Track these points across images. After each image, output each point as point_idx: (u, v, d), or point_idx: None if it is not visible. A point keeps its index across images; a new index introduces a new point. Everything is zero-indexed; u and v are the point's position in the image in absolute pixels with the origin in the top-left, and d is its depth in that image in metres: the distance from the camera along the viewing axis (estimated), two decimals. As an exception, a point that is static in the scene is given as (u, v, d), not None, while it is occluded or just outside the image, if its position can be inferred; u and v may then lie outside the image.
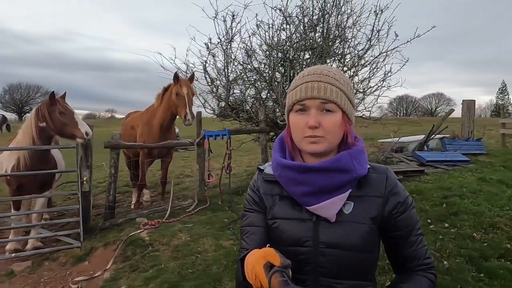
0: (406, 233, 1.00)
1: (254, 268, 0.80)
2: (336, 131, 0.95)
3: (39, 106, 3.90)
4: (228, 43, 6.01)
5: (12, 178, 3.96)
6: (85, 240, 4.02)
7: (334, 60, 6.15)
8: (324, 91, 0.93)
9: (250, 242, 1.02)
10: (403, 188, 1.03)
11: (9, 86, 49.36)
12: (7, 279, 3.46)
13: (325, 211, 0.94)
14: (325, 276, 0.95)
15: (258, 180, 1.09)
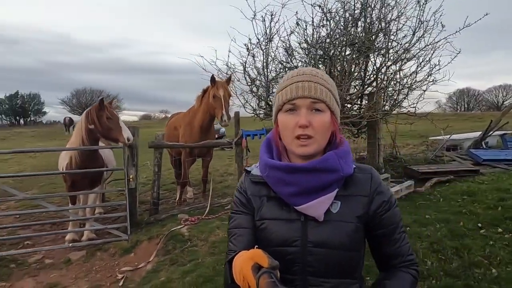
0: (390, 231, 1.02)
1: (242, 270, 0.81)
2: (325, 130, 0.97)
3: (89, 109, 4.27)
4: (267, 42, 6.04)
5: (66, 175, 4.40)
6: (132, 233, 4.32)
7: (377, 55, 5.89)
8: (314, 91, 0.95)
9: (237, 244, 1.02)
10: (387, 187, 1.05)
11: (76, 91, 54.13)
12: (64, 266, 3.84)
13: (313, 211, 0.95)
14: (313, 275, 0.96)
15: (245, 182, 1.10)
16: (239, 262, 0.84)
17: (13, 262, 3.90)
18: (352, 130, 6.06)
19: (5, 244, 4.42)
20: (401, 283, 0.99)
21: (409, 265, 1.03)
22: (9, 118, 61.69)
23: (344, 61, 5.71)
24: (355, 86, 6.14)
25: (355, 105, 6.19)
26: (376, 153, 5.80)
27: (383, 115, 5.67)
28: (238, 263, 0.84)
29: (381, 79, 5.78)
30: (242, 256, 0.84)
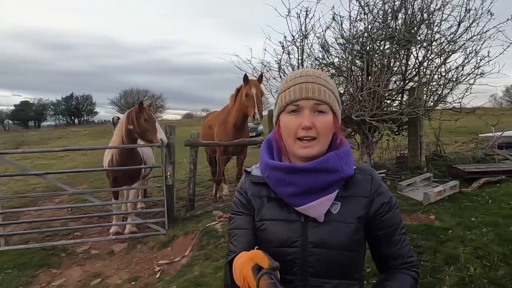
0: (390, 232, 1.02)
1: (242, 271, 0.81)
2: (328, 132, 0.97)
3: (130, 111, 4.52)
4: (302, 39, 5.97)
5: (109, 171, 4.69)
6: (169, 228, 4.51)
7: (419, 47, 5.59)
8: (318, 92, 0.95)
9: (237, 244, 1.03)
10: (387, 188, 1.05)
11: (123, 92, 57.40)
12: (108, 257, 4.10)
13: (313, 211, 0.95)
14: (313, 276, 0.96)
15: (246, 183, 1.10)
16: (239, 263, 0.84)
17: (64, 252, 4.24)
18: (391, 127, 5.81)
19: (57, 235, 4.82)
20: (401, 285, 0.99)
21: (409, 266, 1.02)
22: (65, 118, 66.84)
23: (382, 56, 5.49)
24: (395, 81, 5.88)
25: (394, 101, 5.93)
26: (417, 151, 5.51)
27: (426, 111, 5.38)
28: (238, 264, 0.84)
29: (424, 73, 5.48)
30: (242, 257, 0.85)
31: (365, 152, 5.79)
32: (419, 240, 3.40)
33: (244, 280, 0.81)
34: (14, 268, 3.79)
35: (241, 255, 0.87)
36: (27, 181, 9.06)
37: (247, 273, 0.80)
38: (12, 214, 5.51)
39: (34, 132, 36.13)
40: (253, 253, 0.84)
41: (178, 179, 6.89)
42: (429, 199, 4.22)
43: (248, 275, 0.80)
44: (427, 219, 3.92)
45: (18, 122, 64.53)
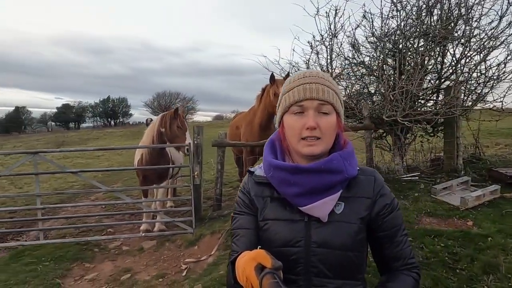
0: (392, 233, 1.02)
1: (245, 270, 0.81)
2: (332, 132, 0.98)
3: (165, 114, 4.65)
4: (331, 38, 5.86)
5: (139, 170, 4.84)
6: (197, 227, 4.57)
7: (456, 44, 5.31)
8: (322, 93, 0.96)
9: (240, 244, 1.03)
10: (389, 190, 1.06)
11: (157, 94, 59.30)
12: (138, 254, 4.22)
13: (317, 211, 0.96)
14: (316, 276, 0.96)
15: (249, 182, 1.11)
16: (242, 262, 0.84)
17: (97, 247, 4.41)
18: (425, 128, 5.56)
19: (92, 230, 5.03)
20: (403, 286, 0.99)
21: (410, 268, 1.02)
22: (102, 120, 70.08)
23: (416, 54, 5.27)
24: (430, 80, 5.62)
25: (429, 101, 5.67)
26: (454, 153, 5.23)
27: (463, 111, 5.09)
28: (241, 263, 0.84)
29: (461, 71, 5.20)
30: (245, 257, 0.84)
31: (397, 154, 5.59)
32: (455, 247, 3.21)
33: (247, 280, 0.81)
34: (51, 261, 3.99)
35: (244, 255, 0.87)
36: (66, 179, 9.55)
37: (250, 273, 0.80)
38: (51, 210, 5.83)
39: (74, 133, 38.14)
40: (256, 252, 0.84)
41: (206, 179, 6.98)
42: (466, 204, 3.99)
43: (251, 274, 0.79)
44: (464, 225, 3.70)
45: (60, 124, 68.49)
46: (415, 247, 3.34)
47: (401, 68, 5.26)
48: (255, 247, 0.89)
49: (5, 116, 66.02)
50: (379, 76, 5.48)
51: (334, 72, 6.05)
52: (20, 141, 29.26)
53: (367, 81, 6.05)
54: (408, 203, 4.35)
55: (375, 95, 5.96)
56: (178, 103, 60.43)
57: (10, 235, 5.01)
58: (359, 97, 5.83)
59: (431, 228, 3.71)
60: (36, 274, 3.67)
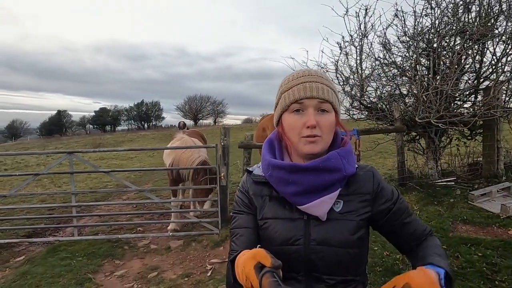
0: (402, 220, 1.03)
1: (245, 269, 0.81)
2: (331, 130, 0.99)
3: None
4: (361, 39, 5.73)
5: (171, 171, 4.96)
6: (223, 228, 4.59)
7: (497, 42, 5.00)
8: (322, 91, 0.97)
9: (239, 243, 1.03)
10: (386, 183, 1.07)
11: (188, 98, 60.87)
12: (165, 253, 4.30)
13: (316, 210, 0.96)
14: (316, 273, 0.97)
15: (247, 182, 1.11)
16: (241, 261, 0.84)
17: (127, 244, 4.55)
18: (462, 130, 5.27)
19: (122, 229, 5.20)
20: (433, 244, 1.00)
21: (428, 235, 1.05)
22: (136, 123, 72.77)
23: (452, 53, 5.02)
24: (467, 81, 5.33)
25: (466, 102, 5.38)
26: (494, 157, 4.91)
27: (504, 112, 4.78)
28: (241, 262, 0.84)
29: (502, 70, 4.89)
30: (245, 256, 0.84)
31: (430, 157, 5.33)
32: (495, 257, 3.01)
33: (247, 279, 0.80)
34: (84, 256, 4.16)
35: (243, 254, 0.87)
36: (101, 179, 9.97)
37: (249, 272, 0.79)
38: (86, 208, 6.09)
39: (110, 135, 39.82)
40: (255, 251, 0.83)
41: (233, 181, 7.02)
42: (508, 212, 3.73)
43: (250, 273, 0.79)
44: (505, 234, 3.46)
45: (97, 126, 71.87)
46: (450, 256, 3.16)
47: (435, 68, 5.03)
48: (254, 246, 0.89)
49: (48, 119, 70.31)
50: (412, 77, 5.27)
51: (364, 73, 5.90)
52: (61, 142, 30.99)
53: (399, 82, 5.84)
54: (443, 209, 4.14)
55: (407, 96, 5.74)
56: (208, 106, 61.66)
57: (48, 230, 5.29)
58: (390, 99, 5.63)
59: (467, 236, 3.50)
60: (70, 268, 3.84)
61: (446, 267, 0.88)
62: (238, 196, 1.13)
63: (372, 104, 5.89)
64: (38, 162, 16.04)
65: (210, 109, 62.34)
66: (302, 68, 6.00)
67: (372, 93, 5.91)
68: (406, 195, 4.66)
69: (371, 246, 3.44)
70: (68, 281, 3.57)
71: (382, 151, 9.63)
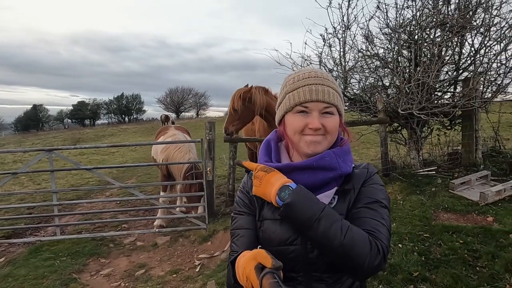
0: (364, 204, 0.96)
1: (245, 270, 0.80)
2: (335, 132, 0.99)
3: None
4: (344, 30, 5.74)
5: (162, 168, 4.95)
6: (210, 223, 4.57)
7: (475, 34, 5.12)
8: (328, 95, 0.96)
9: (240, 244, 1.03)
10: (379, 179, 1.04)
11: (169, 90, 59.87)
12: (152, 249, 4.26)
13: None
14: (316, 271, 0.96)
15: (248, 182, 1.10)
16: (242, 262, 0.84)
17: (112, 242, 4.47)
18: (443, 121, 5.40)
19: (107, 226, 5.10)
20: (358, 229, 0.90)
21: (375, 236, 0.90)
22: (116, 117, 71.18)
23: (432, 44, 5.10)
24: (447, 72, 5.45)
25: (446, 93, 5.51)
26: (473, 146, 5.06)
27: (483, 103, 4.92)
28: (241, 263, 0.84)
29: (480, 61, 5.01)
30: (245, 256, 0.84)
31: (412, 147, 5.45)
32: (475, 244, 3.11)
33: (247, 280, 0.80)
34: (68, 256, 4.06)
35: (244, 254, 0.87)
36: (82, 175, 9.72)
37: (250, 272, 0.79)
38: (68, 206, 5.94)
39: (90, 130, 38.80)
40: (256, 252, 0.83)
41: (218, 175, 6.98)
42: (486, 199, 3.86)
43: (251, 274, 0.79)
44: (484, 221, 3.59)
45: (76, 121, 69.90)
46: (433, 244, 3.25)
47: (417, 60, 5.11)
48: (255, 247, 0.88)
49: (23, 114, 67.81)
50: (394, 68, 5.34)
51: (347, 65, 5.94)
52: (38, 138, 29.97)
53: (382, 73, 5.92)
54: (425, 198, 4.25)
55: (389, 88, 5.82)
56: (190, 98, 60.90)
57: (29, 230, 5.13)
58: (373, 90, 5.70)
59: (449, 224, 3.61)
60: (54, 269, 3.74)
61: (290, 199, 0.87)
62: (238, 196, 1.12)
63: (355, 96, 5.95)
64: (14, 159, 15.46)
65: (192, 102, 61.62)
66: (286, 59, 6.00)
67: (356, 85, 5.96)
68: (390, 186, 4.76)
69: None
70: (52, 282, 3.48)
71: (364, 141, 9.79)
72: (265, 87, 4.59)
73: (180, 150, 4.95)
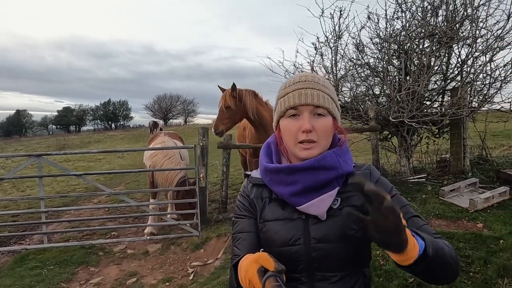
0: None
1: (248, 273, 0.80)
2: (328, 134, 1.00)
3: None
4: (336, 40, 5.84)
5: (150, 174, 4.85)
6: (202, 230, 4.52)
7: (462, 45, 5.28)
8: (317, 98, 0.98)
9: (242, 248, 1.03)
10: (387, 180, 1.06)
11: (157, 97, 59.40)
12: (143, 257, 4.17)
13: (315, 209, 0.97)
14: (319, 271, 0.97)
15: (248, 186, 1.12)
16: (244, 265, 0.83)
17: (101, 250, 4.37)
18: (431, 129, 5.52)
19: (96, 234, 4.98)
20: (438, 238, 0.92)
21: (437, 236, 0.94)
22: (103, 123, 70.15)
23: (422, 55, 5.24)
24: (435, 82, 5.59)
25: (435, 102, 5.64)
26: (461, 154, 5.18)
27: (470, 112, 5.05)
28: (244, 266, 0.84)
29: (467, 72, 5.16)
30: (248, 260, 0.84)
31: (403, 155, 5.54)
32: (467, 250, 3.16)
33: (250, 283, 0.80)
34: (56, 265, 3.94)
35: (246, 258, 0.86)
36: (69, 182, 9.51)
37: (252, 276, 0.79)
38: (54, 213, 5.78)
39: (75, 136, 38.07)
40: (258, 255, 0.82)
41: (211, 181, 6.93)
42: (475, 206, 3.94)
43: (253, 277, 0.78)
44: (474, 227, 3.65)
45: (61, 127, 68.52)
46: (426, 250, 3.29)
47: (407, 69, 5.23)
48: (257, 250, 0.89)
49: (5, 119, 66.12)
50: (384, 78, 5.44)
51: (338, 73, 6.03)
52: (21, 144, 29.20)
53: (372, 82, 6.03)
54: (416, 205, 4.30)
55: (380, 96, 5.93)
56: (178, 105, 60.58)
57: (13, 239, 4.96)
58: (364, 99, 5.79)
59: (440, 230, 3.66)
60: (41, 278, 3.62)
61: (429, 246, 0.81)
62: (239, 200, 1.13)
63: (347, 104, 6.03)
64: (-3, 165, 15.02)
65: (180, 109, 61.24)
66: (279, 67, 6.05)
67: (347, 93, 6.05)
68: (381, 192, 4.81)
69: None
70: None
71: (353, 149, 9.90)
72: (255, 91, 4.61)
73: (170, 160, 4.88)
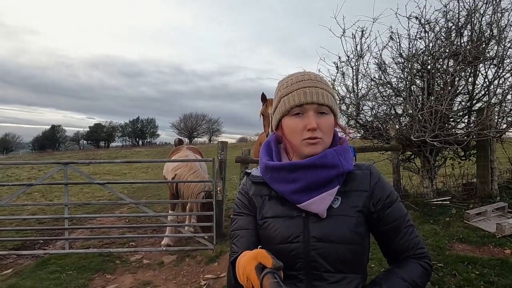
0: (395, 226, 1.02)
1: (246, 270, 0.80)
2: (331, 131, 1.02)
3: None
4: (358, 59, 5.87)
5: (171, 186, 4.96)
6: (217, 243, 4.52)
7: (489, 65, 5.16)
8: (322, 96, 1.00)
9: (240, 245, 1.04)
10: (387, 182, 1.07)
11: (184, 116, 61.09)
12: (158, 268, 4.20)
13: (315, 207, 0.96)
14: (317, 270, 0.96)
15: (247, 183, 1.12)
16: (242, 262, 0.83)
17: (119, 259, 4.44)
18: (456, 150, 5.34)
19: (115, 243, 5.09)
20: (409, 273, 0.97)
21: (420, 257, 1.01)
22: (131, 140, 72.47)
23: (445, 74, 5.15)
24: (460, 102, 5.45)
25: (460, 123, 5.48)
26: (488, 178, 4.96)
27: (497, 133, 4.87)
28: (242, 263, 0.83)
29: (494, 92, 5.02)
30: (246, 256, 0.83)
31: (425, 176, 5.37)
32: (492, 276, 2.99)
33: (248, 280, 0.79)
34: (75, 270, 4.04)
35: (244, 254, 0.86)
36: (93, 194, 9.83)
37: (250, 272, 0.78)
38: (77, 222, 5.97)
39: (104, 151, 39.56)
40: (256, 252, 0.82)
41: (228, 196, 6.96)
42: (503, 231, 3.74)
43: (251, 274, 0.78)
44: (501, 253, 3.45)
45: (91, 142, 71.42)
46: (447, 274, 3.14)
47: (430, 89, 5.15)
48: (255, 247, 0.88)
49: (41, 134, 69.79)
50: (407, 97, 5.38)
51: (360, 92, 6.01)
52: (53, 157, 30.61)
53: (394, 102, 5.96)
54: (439, 228, 4.13)
55: (402, 116, 5.83)
56: (203, 124, 61.91)
57: (38, 243, 5.15)
58: (386, 118, 5.71)
59: (464, 254, 3.49)
60: (60, 282, 3.72)
61: None
62: (238, 198, 1.13)
63: (367, 122, 5.97)
64: (29, 176, 15.79)
65: (205, 127, 62.52)
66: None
67: (368, 112, 6.00)
68: (402, 214, 4.66)
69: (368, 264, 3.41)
70: (57, 295, 3.45)
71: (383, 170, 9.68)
72: None
73: (195, 174, 4.97)
